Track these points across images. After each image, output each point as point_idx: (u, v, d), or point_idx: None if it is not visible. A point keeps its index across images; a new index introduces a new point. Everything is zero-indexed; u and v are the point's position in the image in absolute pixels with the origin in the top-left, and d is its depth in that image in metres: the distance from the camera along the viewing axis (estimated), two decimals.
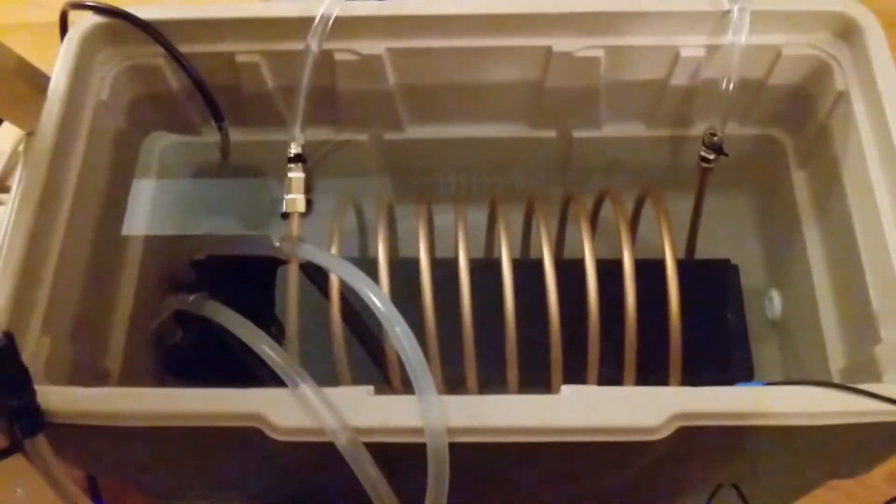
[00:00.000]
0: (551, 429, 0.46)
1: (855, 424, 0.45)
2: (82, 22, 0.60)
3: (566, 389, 0.48)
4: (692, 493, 0.63)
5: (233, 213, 0.73)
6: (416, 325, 0.57)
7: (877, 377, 0.52)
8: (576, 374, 0.58)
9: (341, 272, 0.54)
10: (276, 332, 0.64)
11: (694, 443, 0.48)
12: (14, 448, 0.48)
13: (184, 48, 0.62)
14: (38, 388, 0.46)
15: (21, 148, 0.75)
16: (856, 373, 0.56)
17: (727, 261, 0.68)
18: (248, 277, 0.70)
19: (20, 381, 0.45)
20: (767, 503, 0.66)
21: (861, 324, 0.55)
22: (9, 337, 0.44)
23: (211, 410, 0.46)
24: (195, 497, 0.69)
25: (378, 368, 0.61)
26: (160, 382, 0.67)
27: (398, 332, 0.48)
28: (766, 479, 0.59)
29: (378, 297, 0.50)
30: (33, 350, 0.51)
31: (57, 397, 0.46)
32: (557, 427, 0.46)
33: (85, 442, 0.50)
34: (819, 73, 0.61)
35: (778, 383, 0.48)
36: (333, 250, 0.58)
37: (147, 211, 0.68)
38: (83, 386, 0.54)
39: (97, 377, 0.59)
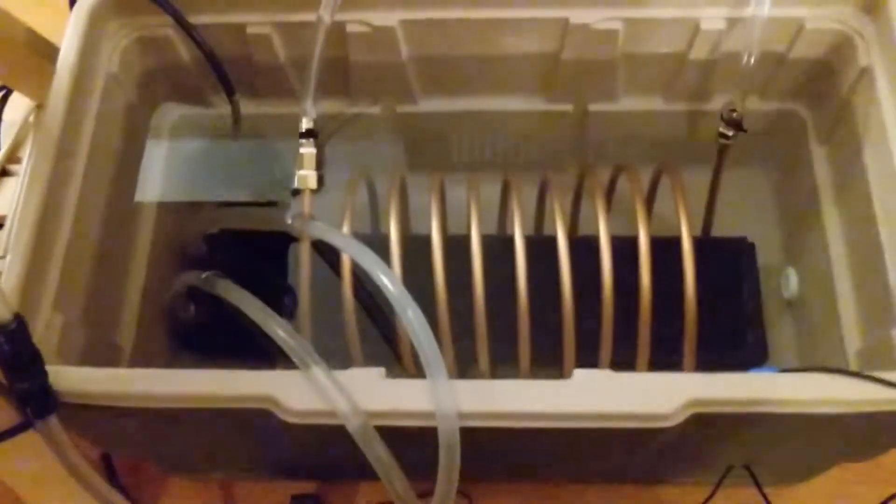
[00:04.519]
0: (563, 414, 0.46)
1: (869, 412, 0.45)
2: None
3: (578, 374, 0.47)
4: (704, 473, 0.63)
5: (244, 185, 0.72)
6: (428, 301, 0.57)
7: (893, 361, 0.52)
8: (589, 351, 0.58)
9: (353, 253, 0.53)
10: (290, 302, 0.65)
11: (707, 428, 0.47)
12: (25, 426, 0.49)
13: (194, 19, 0.61)
14: (49, 368, 0.46)
15: (31, 119, 0.74)
16: (872, 356, 0.56)
17: (744, 239, 0.68)
18: (260, 250, 0.70)
19: (32, 364, 0.45)
20: (779, 483, 0.66)
21: (879, 306, 0.55)
22: (19, 320, 0.44)
23: (222, 392, 0.47)
24: (206, 470, 0.70)
25: (390, 346, 0.61)
26: (173, 357, 0.67)
27: (410, 317, 0.48)
28: (777, 462, 0.59)
29: (390, 281, 0.50)
30: (45, 328, 0.51)
31: (68, 378, 0.46)
32: (569, 413, 0.46)
33: (96, 421, 0.51)
34: (842, 47, 0.60)
35: (792, 370, 0.47)
36: (345, 229, 0.58)
37: (159, 179, 0.68)
38: (96, 362, 0.55)
39: (110, 353, 0.59)
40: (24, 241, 0.51)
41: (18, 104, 0.74)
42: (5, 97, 0.74)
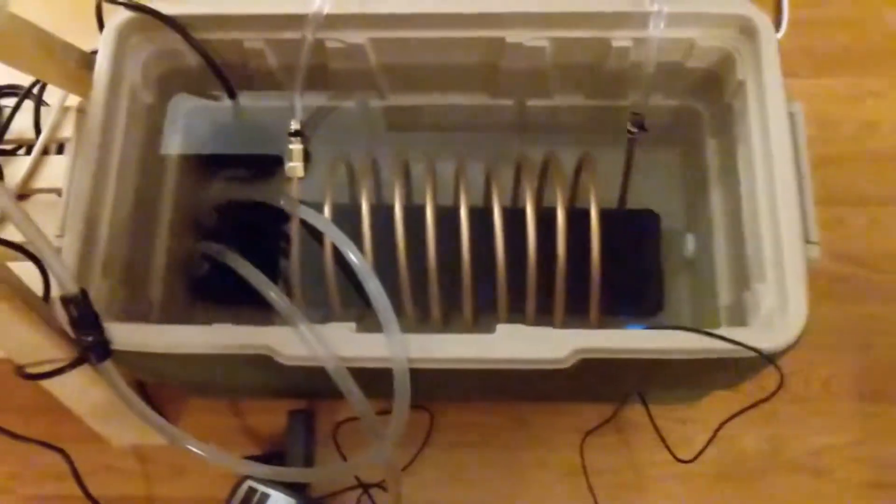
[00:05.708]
0: (486, 360, 0.62)
1: (706, 359, 0.61)
2: (117, 15, 0.73)
3: (500, 329, 0.63)
4: (611, 396, 0.80)
5: (246, 144, 0.86)
6: (393, 263, 0.72)
7: (744, 318, 0.68)
8: (520, 301, 0.74)
9: (327, 232, 0.69)
10: (285, 259, 0.80)
11: (594, 368, 0.63)
12: (80, 361, 0.65)
13: (200, 35, 0.74)
14: (105, 325, 0.62)
15: (67, 103, 0.89)
16: (735, 311, 0.71)
17: (650, 211, 0.83)
18: (260, 218, 0.85)
19: (93, 323, 0.61)
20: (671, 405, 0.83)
21: (740, 272, 0.70)
22: (84, 292, 0.60)
23: (235, 342, 0.63)
24: (219, 393, 0.87)
25: (361, 297, 0.77)
26: (191, 306, 0.83)
27: (371, 287, 0.64)
28: (663, 390, 0.76)
29: (355, 256, 0.65)
30: (96, 292, 0.66)
31: (119, 333, 0.62)
32: (491, 359, 0.62)
33: (139, 361, 0.67)
34: (726, 61, 0.73)
35: (656, 327, 0.63)
36: (326, 211, 0.73)
37: (180, 140, 0.82)
38: (134, 314, 0.71)
39: (144, 305, 0.75)
40: (77, 223, 0.66)
41: (52, 91, 0.89)
42: (43, 87, 0.88)
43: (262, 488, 0.82)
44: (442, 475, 0.86)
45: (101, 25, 0.74)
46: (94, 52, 0.74)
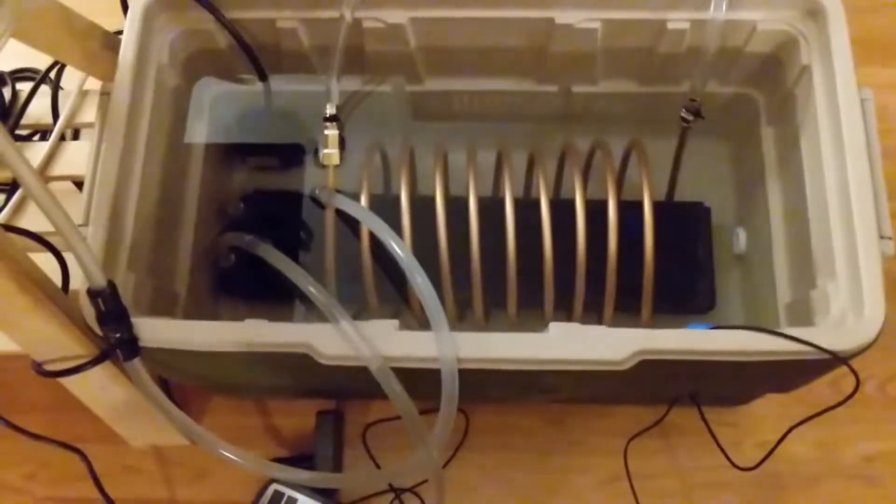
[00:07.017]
0: (540, 360, 0.58)
1: (776, 360, 0.57)
2: None
3: (553, 327, 0.59)
4: (660, 399, 0.76)
5: (273, 132, 0.82)
6: (433, 255, 0.68)
7: (810, 317, 0.64)
8: (568, 293, 0.70)
9: (369, 223, 0.65)
10: (312, 250, 0.76)
11: (653, 370, 0.60)
12: (102, 358, 0.61)
13: (231, 14, 0.70)
14: (133, 320, 0.58)
15: (85, 86, 0.84)
16: (797, 309, 0.67)
17: (701, 203, 0.78)
18: (288, 208, 0.81)
19: (121, 319, 0.57)
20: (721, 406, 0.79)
21: (803, 269, 0.66)
22: (112, 285, 0.56)
23: (272, 340, 0.59)
24: (244, 392, 0.83)
25: (400, 293, 0.73)
26: (217, 298, 0.79)
27: (419, 282, 0.60)
28: (715, 393, 0.72)
29: (401, 249, 0.61)
30: (122, 286, 0.62)
31: (149, 328, 0.59)
32: (544, 359, 0.58)
33: (167, 359, 0.63)
34: (788, 46, 0.69)
35: (721, 327, 0.59)
36: (363, 201, 0.69)
37: (205, 129, 0.78)
38: (160, 307, 0.67)
39: (170, 298, 0.71)
40: (103, 212, 0.62)
41: (70, 75, 0.84)
42: (61, 69, 0.84)
43: (289, 492, 0.79)
44: (478, 478, 0.82)
45: (124, 4, 0.70)
46: (118, 33, 0.70)
